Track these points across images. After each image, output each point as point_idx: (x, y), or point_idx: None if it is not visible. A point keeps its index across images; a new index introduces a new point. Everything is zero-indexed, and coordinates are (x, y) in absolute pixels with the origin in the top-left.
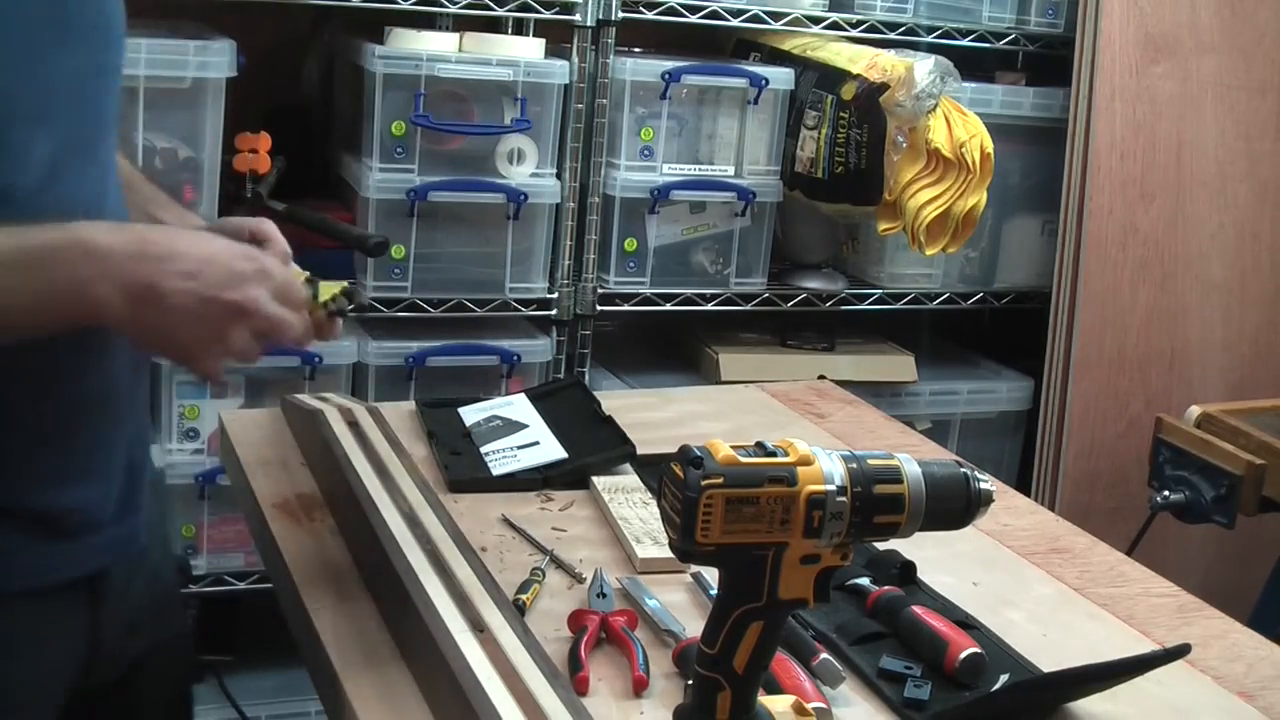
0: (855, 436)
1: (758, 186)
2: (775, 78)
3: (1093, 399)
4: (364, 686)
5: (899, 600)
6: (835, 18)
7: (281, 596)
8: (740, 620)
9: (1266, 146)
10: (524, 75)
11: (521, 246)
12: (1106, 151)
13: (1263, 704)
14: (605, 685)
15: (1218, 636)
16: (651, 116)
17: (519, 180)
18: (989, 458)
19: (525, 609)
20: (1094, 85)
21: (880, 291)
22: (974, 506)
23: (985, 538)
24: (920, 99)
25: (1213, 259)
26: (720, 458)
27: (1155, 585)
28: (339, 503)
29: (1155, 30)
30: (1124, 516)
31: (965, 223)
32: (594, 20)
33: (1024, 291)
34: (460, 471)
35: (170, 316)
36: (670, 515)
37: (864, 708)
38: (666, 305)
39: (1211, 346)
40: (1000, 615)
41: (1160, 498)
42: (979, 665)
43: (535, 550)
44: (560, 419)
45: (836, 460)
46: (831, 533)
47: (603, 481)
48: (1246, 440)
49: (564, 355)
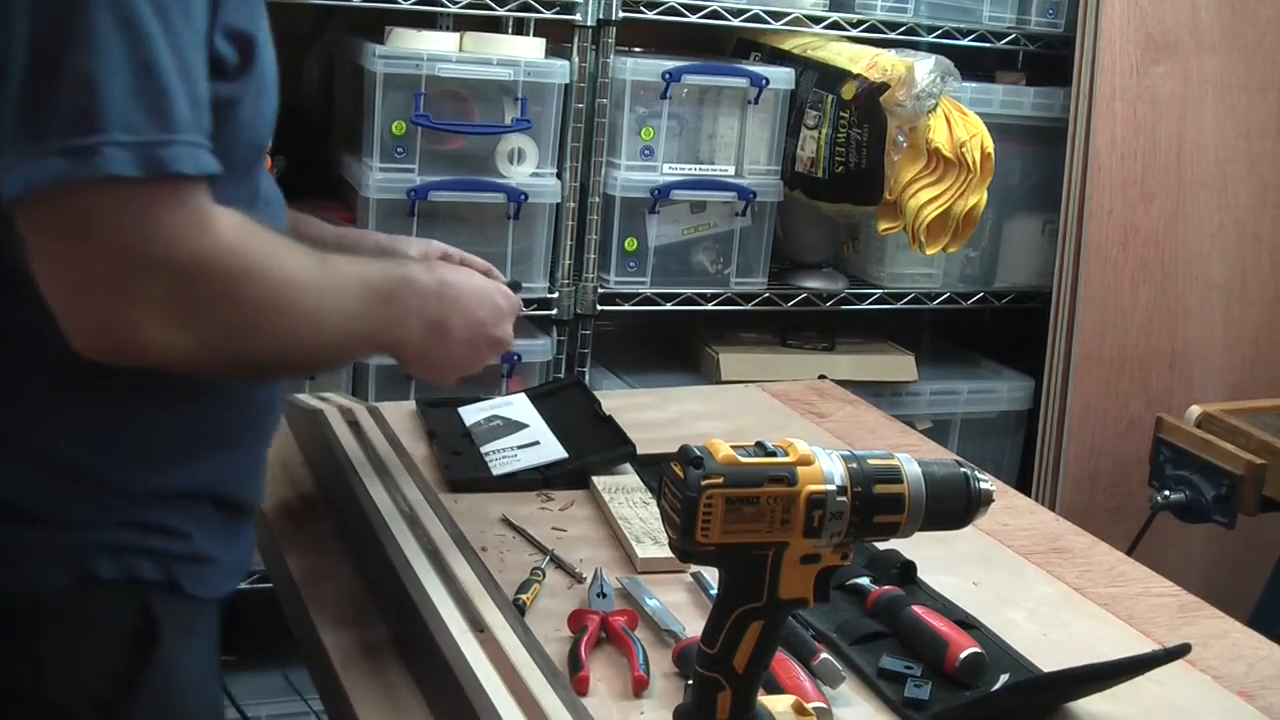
0: (855, 436)
1: (758, 186)
2: (776, 77)
3: (1093, 399)
4: (364, 686)
5: (899, 600)
6: (835, 17)
7: (282, 596)
8: (740, 620)
9: (1267, 146)
10: (524, 75)
11: (522, 246)
12: (1107, 151)
13: (1263, 704)
14: (605, 685)
15: (1218, 636)
16: (652, 116)
17: (519, 180)
18: (989, 458)
19: (525, 609)
20: (1094, 85)
21: (880, 291)
22: (974, 506)
23: (985, 538)
24: (920, 99)
25: (1213, 259)
26: (720, 458)
27: (1155, 585)
28: (339, 503)
29: (1156, 30)
30: (1124, 516)
31: (965, 222)
32: (594, 20)
33: (1024, 291)
34: (460, 471)
35: (450, 348)
36: (670, 515)
37: (864, 708)
38: (667, 305)
39: (1212, 346)
40: (1000, 615)
41: (1160, 498)
42: (979, 665)
43: (535, 550)
44: (560, 419)
45: (836, 460)
46: (831, 533)
47: (603, 481)
48: (1247, 440)
49: (564, 355)
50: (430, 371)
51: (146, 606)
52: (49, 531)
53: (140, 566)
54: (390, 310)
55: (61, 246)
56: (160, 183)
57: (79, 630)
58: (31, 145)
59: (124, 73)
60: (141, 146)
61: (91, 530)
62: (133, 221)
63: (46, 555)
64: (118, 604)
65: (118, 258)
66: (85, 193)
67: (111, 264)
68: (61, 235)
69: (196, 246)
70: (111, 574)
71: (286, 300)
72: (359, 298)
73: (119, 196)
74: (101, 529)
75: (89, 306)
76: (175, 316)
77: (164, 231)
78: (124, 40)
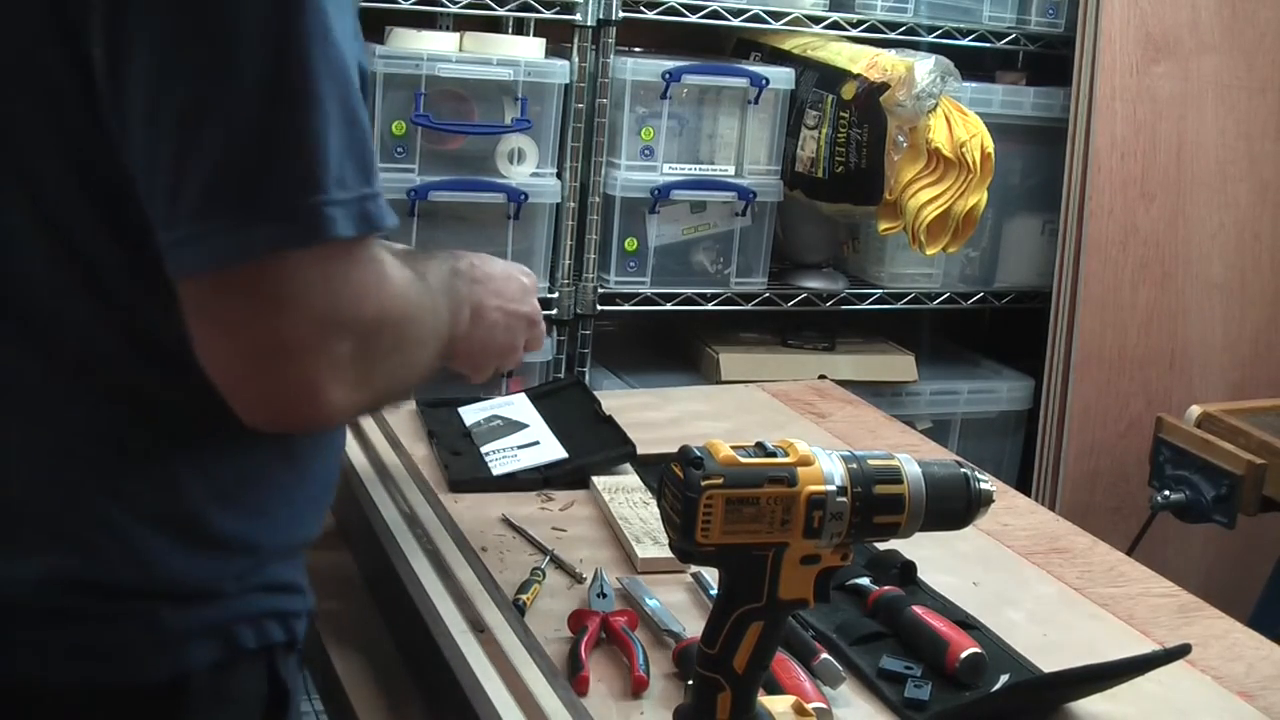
0: (855, 436)
1: (758, 186)
2: (776, 77)
3: (1093, 399)
4: (364, 687)
5: (899, 600)
6: (836, 17)
7: None
8: (740, 620)
9: (1267, 146)
10: (524, 75)
11: (522, 246)
12: (1107, 151)
13: (1263, 704)
14: (605, 685)
15: (1218, 636)
16: (652, 116)
17: (519, 180)
18: (989, 458)
19: (525, 609)
20: (1094, 85)
21: (880, 291)
22: (974, 506)
23: (985, 538)
24: (920, 99)
25: (1213, 259)
26: (720, 458)
27: (1155, 585)
28: (339, 503)
29: (1156, 30)
30: (1124, 516)
31: (965, 222)
32: (594, 20)
33: (1024, 291)
34: (460, 471)
35: (487, 331)
36: (670, 515)
37: (864, 708)
38: (667, 305)
39: (1211, 346)
40: (1000, 615)
41: (1160, 498)
42: (979, 665)
43: (535, 550)
44: (560, 419)
45: (836, 460)
46: (831, 533)
47: (603, 481)
48: (1247, 440)
49: (564, 355)
50: (473, 361)
51: (275, 670)
52: (202, 607)
53: (272, 630)
54: (458, 311)
55: (255, 317)
56: (365, 240)
57: (221, 706)
58: (228, 215)
59: (339, 127)
60: (354, 203)
61: (237, 600)
62: (333, 284)
63: (200, 633)
64: (254, 671)
65: (318, 323)
66: (299, 259)
67: (308, 331)
68: (258, 306)
69: (378, 302)
70: (253, 643)
71: (423, 334)
72: (445, 308)
73: (330, 258)
74: (243, 597)
75: (277, 378)
76: (358, 376)
77: (353, 290)
78: (337, 93)
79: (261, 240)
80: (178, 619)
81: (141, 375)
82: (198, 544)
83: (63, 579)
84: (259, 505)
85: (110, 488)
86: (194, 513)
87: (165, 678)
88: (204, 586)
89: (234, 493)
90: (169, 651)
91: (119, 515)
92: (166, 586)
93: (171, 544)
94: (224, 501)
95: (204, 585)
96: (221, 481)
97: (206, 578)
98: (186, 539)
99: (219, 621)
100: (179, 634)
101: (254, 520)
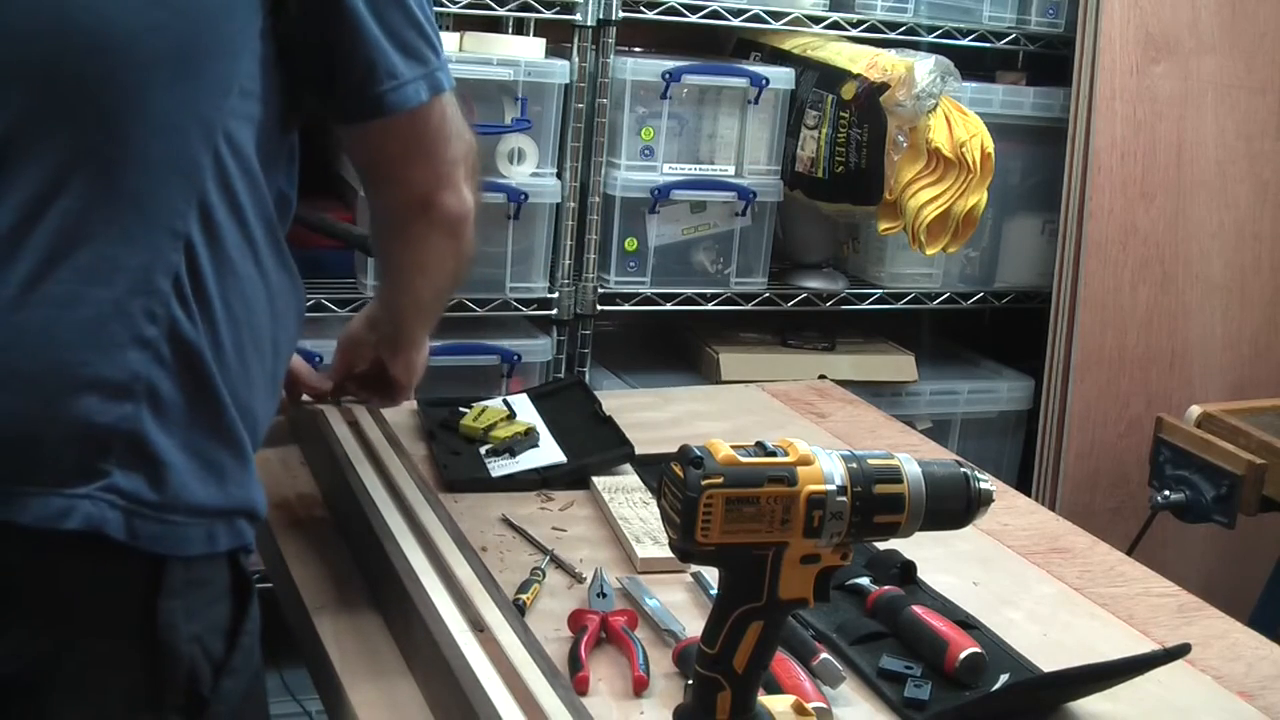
0: (855, 436)
1: (758, 186)
2: (775, 77)
3: (1093, 399)
4: (364, 686)
5: (899, 600)
6: (836, 17)
7: (282, 596)
8: (740, 620)
9: (1266, 146)
10: (524, 75)
11: (522, 246)
12: (1107, 151)
13: (1263, 704)
14: (605, 685)
15: (1218, 636)
16: (652, 116)
17: (519, 180)
18: (989, 458)
19: (525, 609)
20: (1094, 85)
21: (881, 291)
22: (974, 506)
23: (985, 538)
24: (920, 99)
25: (1213, 259)
26: (720, 458)
27: (1155, 585)
28: (339, 502)
29: (1155, 30)
30: (1124, 516)
31: (965, 222)
32: (594, 20)
33: (1024, 291)
34: (459, 472)
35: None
36: (670, 515)
37: (864, 708)
38: (667, 305)
39: (1212, 346)
40: (1000, 615)
41: (1160, 497)
42: (979, 665)
43: (535, 550)
44: (560, 419)
45: (836, 460)
46: (831, 532)
47: (603, 481)
48: (1247, 440)
49: (564, 355)
50: (409, 369)
51: (238, 564)
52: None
53: (244, 531)
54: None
55: (441, 139)
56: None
57: (201, 590)
58: (419, 67)
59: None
60: (444, 67)
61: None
62: (460, 117)
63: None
64: (227, 563)
65: (465, 141)
66: (449, 101)
67: (464, 149)
68: (444, 129)
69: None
70: (226, 545)
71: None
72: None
73: (450, 102)
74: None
75: (455, 181)
76: (475, 182)
77: (462, 122)
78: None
79: (438, 84)
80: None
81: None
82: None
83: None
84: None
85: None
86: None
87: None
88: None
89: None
90: (180, 537)
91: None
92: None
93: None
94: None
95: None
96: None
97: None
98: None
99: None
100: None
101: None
